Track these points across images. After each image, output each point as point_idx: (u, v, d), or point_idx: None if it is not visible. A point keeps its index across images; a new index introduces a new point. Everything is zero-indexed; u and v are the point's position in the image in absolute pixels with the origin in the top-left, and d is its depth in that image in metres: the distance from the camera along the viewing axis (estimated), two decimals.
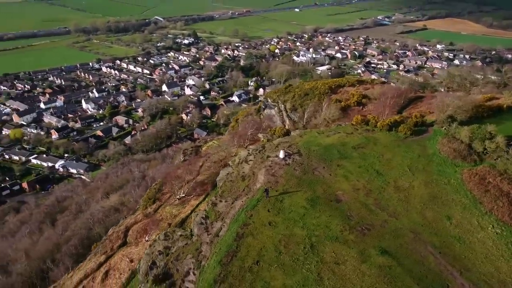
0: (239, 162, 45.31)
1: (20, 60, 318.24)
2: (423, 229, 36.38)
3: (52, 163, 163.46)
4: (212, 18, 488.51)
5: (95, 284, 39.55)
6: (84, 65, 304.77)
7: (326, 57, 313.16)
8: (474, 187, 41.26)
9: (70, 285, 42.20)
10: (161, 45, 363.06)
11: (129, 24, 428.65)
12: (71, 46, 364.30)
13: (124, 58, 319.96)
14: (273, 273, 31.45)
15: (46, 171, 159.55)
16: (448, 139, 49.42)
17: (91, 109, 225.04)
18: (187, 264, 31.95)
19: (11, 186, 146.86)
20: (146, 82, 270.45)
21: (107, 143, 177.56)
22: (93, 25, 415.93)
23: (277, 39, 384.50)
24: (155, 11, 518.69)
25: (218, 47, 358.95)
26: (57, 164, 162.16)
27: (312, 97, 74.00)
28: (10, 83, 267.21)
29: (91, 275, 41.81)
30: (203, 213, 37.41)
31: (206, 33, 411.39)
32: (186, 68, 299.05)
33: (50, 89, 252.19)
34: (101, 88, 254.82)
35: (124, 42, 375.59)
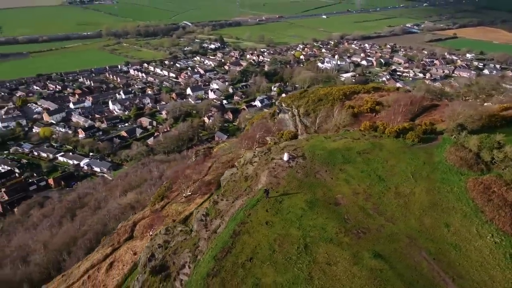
0: (244, 163, 46.53)
1: (53, 61, 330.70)
2: (420, 235, 36.52)
3: (77, 161, 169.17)
4: (239, 24, 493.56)
5: (100, 274, 41.54)
6: (113, 68, 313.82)
7: (351, 64, 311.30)
8: (477, 196, 41.00)
9: (77, 274, 44.38)
10: (188, 50, 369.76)
11: (158, 29, 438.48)
12: (102, 49, 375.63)
13: (152, 62, 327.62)
14: (265, 270, 32.38)
15: (72, 168, 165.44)
16: (456, 148, 49.17)
17: (117, 110, 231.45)
18: (184, 258, 33.28)
19: (38, 181, 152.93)
20: (172, 85, 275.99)
21: (130, 144, 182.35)
22: (123, 29, 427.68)
23: (302, 46, 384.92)
24: (184, 16, 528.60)
25: (244, 52, 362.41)
26: (82, 162, 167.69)
27: (325, 103, 74.50)
28: (43, 83, 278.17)
29: (97, 265, 43.87)
30: (204, 211, 38.76)
31: (232, 39, 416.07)
32: (211, 72, 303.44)
33: (80, 90, 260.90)
34: (128, 90, 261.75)
35: (153, 46, 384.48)
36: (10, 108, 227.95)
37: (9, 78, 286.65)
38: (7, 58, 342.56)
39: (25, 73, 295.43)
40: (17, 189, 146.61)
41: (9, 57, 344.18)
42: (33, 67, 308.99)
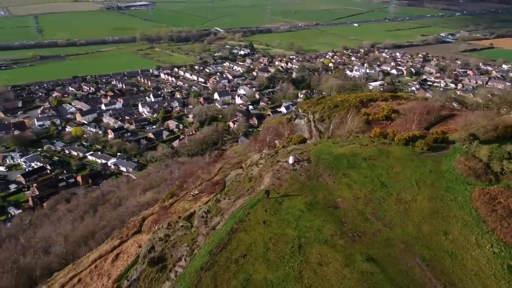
0: (250, 165, 47.75)
1: (89, 64, 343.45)
2: (416, 241, 36.57)
3: (105, 160, 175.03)
4: (269, 31, 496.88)
5: (106, 264, 43.64)
6: (144, 71, 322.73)
7: (380, 72, 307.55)
8: (481, 206, 40.57)
9: (86, 264, 46.76)
10: (218, 55, 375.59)
11: (190, 34, 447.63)
12: (135, 53, 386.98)
13: (182, 66, 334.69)
14: (257, 267, 33.38)
15: (99, 167, 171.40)
16: (466, 157, 48.66)
17: (146, 112, 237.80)
18: (181, 251, 34.75)
19: (67, 178, 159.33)
20: (200, 89, 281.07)
21: (156, 145, 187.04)
22: (157, 34, 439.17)
23: (332, 53, 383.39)
24: (216, 22, 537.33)
25: (273, 58, 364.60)
26: (109, 162, 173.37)
27: (341, 109, 74.83)
28: (78, 85, 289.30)
29: (104, 256, 46.06)
30: (206, 208, 40.20)
31: (262, 45, 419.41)
32: (239, 78, 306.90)
33: (112, 92, 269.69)
34: (157, 93, 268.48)
35: (184, 51, 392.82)
36: (46, 107, 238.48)
37: (47, 79, 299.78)
38: (46, 60, 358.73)
39: (62, 75, 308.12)
40: (48, 185, 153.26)
41: (49, 59, 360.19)
42: (69, 69, 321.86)
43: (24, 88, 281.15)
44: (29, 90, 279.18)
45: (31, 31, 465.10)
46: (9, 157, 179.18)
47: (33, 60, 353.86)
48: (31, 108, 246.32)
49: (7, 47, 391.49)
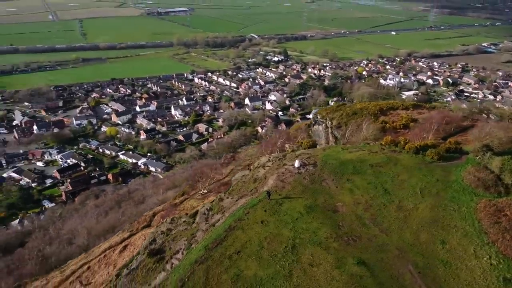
0: (257, 167, 49.02)
1: (127, 67, 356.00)
2: (411, 249, 36.58)
3: (136, 160, 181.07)
4: (304, 38, 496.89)
5: (114, 255, 46.04)
6: (179, 75, 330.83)
7: (415, 82, 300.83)
8: (485, 217, 39.99)
9: (96, 253, 49.45)
10: (252, 61, 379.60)
11: (225, 40, 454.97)
12: (172, 57, 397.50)
13: (216, 71, 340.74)
14: (249, 263, 34.55)
15: (130, 166, 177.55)
16: (477, 168, 47.94)
17: (178, 115, 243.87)
18: (180, 245, 36.45)
19: (99, 176, 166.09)
20: (232, 94, 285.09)
21: (185, 147, 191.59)
22: (193, 40, 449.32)
23: (366, 61, 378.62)
24: (251, 29, 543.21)
25: (306, 65, 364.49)
26: (139, 161, 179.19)
27: (359, 117, 74.79)
28: (115, 87, 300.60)
29: (114, 247, 48.56)
30: (208, 206, 41.81)
31: (296, 52, 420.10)
32: (271, 84, 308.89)
33: (147, 95, 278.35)
34: (190, 97, 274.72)
35: (218, 56, 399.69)
36: (84, 107, 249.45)
37: (87, 80, 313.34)
38: (88, 62, 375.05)
39: (101, 77, 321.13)
40: (80, 181, 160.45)
41: (90, 62, 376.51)
42: (109, 72, 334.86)
43: (66, 88, 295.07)
44: (70, 90, 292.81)
45: (75, 34, 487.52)
46: (48, 153, 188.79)
47: (76, 62, 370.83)
48: (71, 107, 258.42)
49: (53, 49, 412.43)
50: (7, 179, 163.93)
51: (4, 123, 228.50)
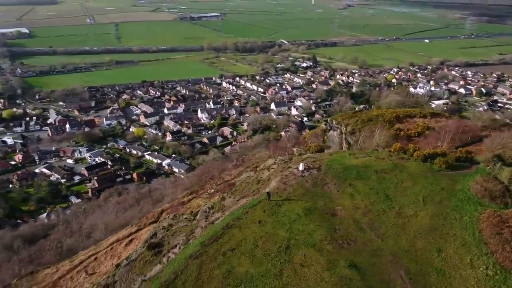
0: (262, 169, 49.95)
1: (158, 70, 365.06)
2: (405, 255, 36.50)
3: (160, 161, 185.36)
4: (334, 44, 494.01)
5: (120, 247, 48.00)
6: (208, 79, 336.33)
7: (446, 91, 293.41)
8: (486, 227, 39.35)
9: (104, 245, 51.63)
10: (280, 67, 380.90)
11: (255, 45, 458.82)
12: (202, 62, 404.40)
13: (244, 76, 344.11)
14: (242, 261, 35.50)
15: (154, 166, 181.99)
16: (485, 178, 47.15)
17: (205, 118, 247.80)
18: (178, 240, 37.84)
19: (124, 174, 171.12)
20: (258, 99, 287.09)
21: (209, 150, 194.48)
22: (223, 44, 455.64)
23: (397, 69, 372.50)
24: (282, 34, 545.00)
25: (334, 72, 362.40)
26: (164, 162, 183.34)
27: (374, 123, 74.43)
28: (146, 89, 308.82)
29: (121, 240, 50.58)
30: (210, 204, 43.09)
31: (325, 58, 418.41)
32: (298, 89, 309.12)
33: (175, 98, 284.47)
34: (217, 100, 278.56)
35: (247, 61, 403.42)
36: (114, 108, 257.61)
37: (119, 82, 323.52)
38: (121, 65, 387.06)
39: (133, 79, 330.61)
40: (106, 179, 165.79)
41: (123, 64, 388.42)
42: (140, 74, 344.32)
43: (99, 89, 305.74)
44: (103, 91, 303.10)
45: (111, 38, 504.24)
46: (78, 151, 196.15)
47: (109, 64, 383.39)
48: (102, 108, 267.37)
49: (89, 52, 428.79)
50: (38, 175, 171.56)
51: (40, 121, 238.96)
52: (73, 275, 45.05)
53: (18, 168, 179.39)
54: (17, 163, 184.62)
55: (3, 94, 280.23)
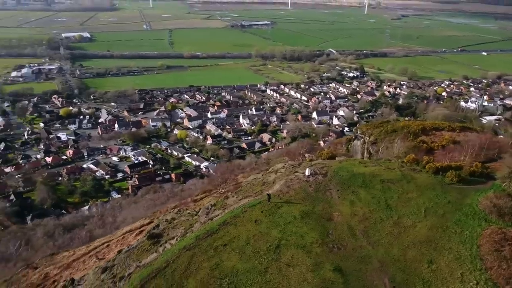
0: (270, 172, 51.36)
1: (205, 76, 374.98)
2: (393, 263, 36.58)
3: (199, 163, 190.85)
4: (385, 55, 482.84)
5: (131, 237, 51.16)
6: (252, 86, 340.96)
7: (501, 106, 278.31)
8: (486, 243, 38.57)
9: (118, 235, 55.09)
10: (326, 76, 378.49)
11: (302, 54, 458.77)
12: (248, 69, 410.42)
13: (289, 84, 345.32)
14: (231, 256, 37.20)
15: (192, 168, 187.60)
16: (497, 194, 45.79)
17: (246, 124, 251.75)
18: (176, 233, 40.21)
19: (163, 174, 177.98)
20: (300, 107, 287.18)
21: (246, 155, 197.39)
22: (271, 52, 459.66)
23: (448, 82, 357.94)
24: (331, 44, 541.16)
25: (382, 83, 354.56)
26: (202, 164, 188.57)
27: (399, 134, 73.46)
28: (192, 94, 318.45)
29: (133, 231, 53.75)
30: (213, 202, 45.16)
31: (373, 69, 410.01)
32: (342, 99, 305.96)
33: (219, 103, 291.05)
34: (259, 107, 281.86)
35: (294, 70, 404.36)
36: (161, 111, 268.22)
37: (168, 86, 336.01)
38: (171, 69, 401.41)
39: (181, 83, 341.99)
40: (146, 177, 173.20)
41: (173, 69, 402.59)
42: (188, 79, 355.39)
43: (148, 92, 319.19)
44: (152, 94, 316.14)
45: (164, 43, 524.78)
46: (123, 150, 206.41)
47: (161, 69, 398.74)
48: (150, 110, 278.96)
49: (143, 56, 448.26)
50: (85, 170, 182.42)
51: (92, 120, 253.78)
52: (86, 259, 48.82)
53: (68, 163, 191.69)
54: (68, 158, 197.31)
55: (62, 94, 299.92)
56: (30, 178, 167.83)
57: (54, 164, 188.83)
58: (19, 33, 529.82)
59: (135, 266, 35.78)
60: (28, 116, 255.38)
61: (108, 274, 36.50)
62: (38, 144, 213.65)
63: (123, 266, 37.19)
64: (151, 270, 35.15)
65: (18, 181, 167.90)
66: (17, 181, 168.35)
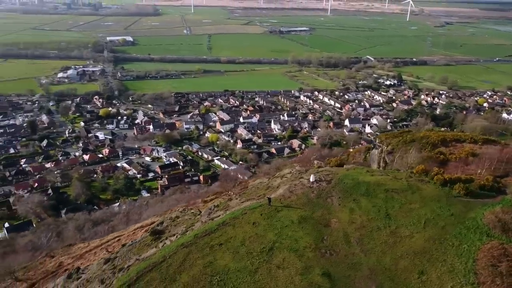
0: (276, 176, 52.50)
1: (241, 80, 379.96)
2: (383, 272, 36.78)
3: (227, 166, 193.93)
4: (425, 63, 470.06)
5: (140, 233, 53.59)
6: (286, 91, 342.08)
7: None
8: (483, 258, 37.97)
9: (129, 230, 57.82)
10: (362, 83, 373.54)
11: (339, 61, 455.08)
12: (284, 74, 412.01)
13: (323, 90, 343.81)
14: (225, 255, 38.71)
15: (220, 171, 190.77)
16: (504, 209, 44.78)
17: (277, 129, 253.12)
18: (178, 230, 42.21)
19: (192, 176, 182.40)
20: (333, 114, 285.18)
21: (274, 160, 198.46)
22: (307, 58, 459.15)
23: (491, 92, 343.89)
24: (369, 51, 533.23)
25: (419, 92, 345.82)
26: (230, 168, 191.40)
27: (417, 145, 72.54)
28: (226, 98, 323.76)
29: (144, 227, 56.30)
30: (216, 203, 46.87)
31: (411, 77, 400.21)
32: (376, 107, 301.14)
33: (252, 108, 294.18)
34: (292, 113, 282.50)
35: (329, 76, 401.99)
36: (194, 114, 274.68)
37: (203, 90, 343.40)
38: (208, 74, 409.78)
39: (216, 88, 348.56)
40: (176, 178, 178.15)
41: (210, 73, 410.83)
42: (223, 83, 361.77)
43: (184, 95, 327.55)
44: (187, 97, 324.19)
45: (203, 48, 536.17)
46: (156, 151, 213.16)
47: (198, 73, 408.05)
48: (184, 113, 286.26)
49: (182, 60, 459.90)
50: (119, 168, 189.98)
51: (129, 121, 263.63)
52: (97, 251, 51.84)
53: (104, 161, 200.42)
54: (104, 156, 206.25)
55: (103, 95, 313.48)
56: (67, 174, 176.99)
57: (90, 161, 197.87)
58: (68, 36, 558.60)
59: (134, 259, 38.03)
60: (70, 115, 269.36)
61: (109, 265, 39.04)
62: (78, 142, 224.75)
63: (124, 259, 39.60)
64: (148, 264, 37.27)
65: (56, 177, 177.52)
66: (56, 176, 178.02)
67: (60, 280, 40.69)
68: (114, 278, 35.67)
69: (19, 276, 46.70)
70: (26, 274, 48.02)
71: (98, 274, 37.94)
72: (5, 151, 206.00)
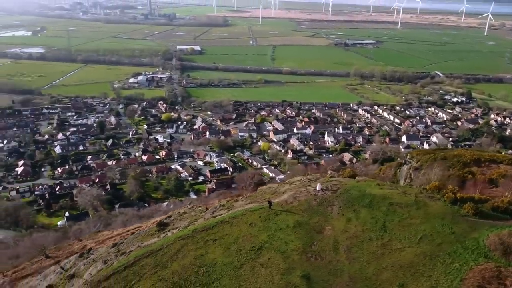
0: (285, 183, 54.37)
1: (300, 92, 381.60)
2: (363, 281, 37.49)
3: (275, 175, 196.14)
4: (500, 81, 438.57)
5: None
6: (345, 104, 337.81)
7: None
8: (472, 278, 37.49)
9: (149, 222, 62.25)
10: (425, 99, 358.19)
11: (404, 75, 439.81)
12: (344, 87, 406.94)
13: (383, 105, 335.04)
14: (216, 250, 41.60)
15: (267, 179, 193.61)
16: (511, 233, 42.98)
17: (330, 142, 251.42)
18: (181, 224, 45.81)
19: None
20: (391, 130, 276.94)
21: None
22: (370, 72, 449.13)
23: None
24: (438, 66, 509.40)
25: (489, 111, 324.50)
26: (277, 177, 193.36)
27: (447, 163, 70.63)
28: (283, 108, 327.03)
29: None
30: (222, 202, 49.87)
31: (482, 95, 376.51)
32: (438, 125, 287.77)
33: (307, 119, 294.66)
34: (347, 126, 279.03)
35: (391, 91, 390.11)
36: (250, 122, 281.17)
37: (262, 99, 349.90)
38: (269, 84, 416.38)
39: (275, 98, 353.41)
40: (223, 183, 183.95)
41: (271, 84, 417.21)
42: (282, 94, 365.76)
43: (242, 104, 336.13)
44: (245, 106, 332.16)
45: (266, 58, 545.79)
46: (209, 156, 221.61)
47: (259, 83, 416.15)
48: (241, 121, 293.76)
49: (245, 70, 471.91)
50: (173, 170, 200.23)
51: (188, 126, 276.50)
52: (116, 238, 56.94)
53: (159, 162, 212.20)
54: (160, 158, 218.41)
55: (167, 100, 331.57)
56: (125, 172, 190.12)
57: (148, 162, 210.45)
58: (142, 44, 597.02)
59: (136, 246, 42.16)
60: (136, 118, 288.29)
61: (115, 249, 43.54)
62: (139, 143, 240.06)
63: (128, 245, 43.88)
64: (147, 251, 41.21)
65: (116, 174, 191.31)
66: (115, 173, 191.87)
67: (73, 258, 46.07)
68: (115, 260, 39.99)
69: (49, 254, 53.31)
70: (56, 252, 54.52)
71: (103, 256, 42.57)
72: (75, 147, 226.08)
